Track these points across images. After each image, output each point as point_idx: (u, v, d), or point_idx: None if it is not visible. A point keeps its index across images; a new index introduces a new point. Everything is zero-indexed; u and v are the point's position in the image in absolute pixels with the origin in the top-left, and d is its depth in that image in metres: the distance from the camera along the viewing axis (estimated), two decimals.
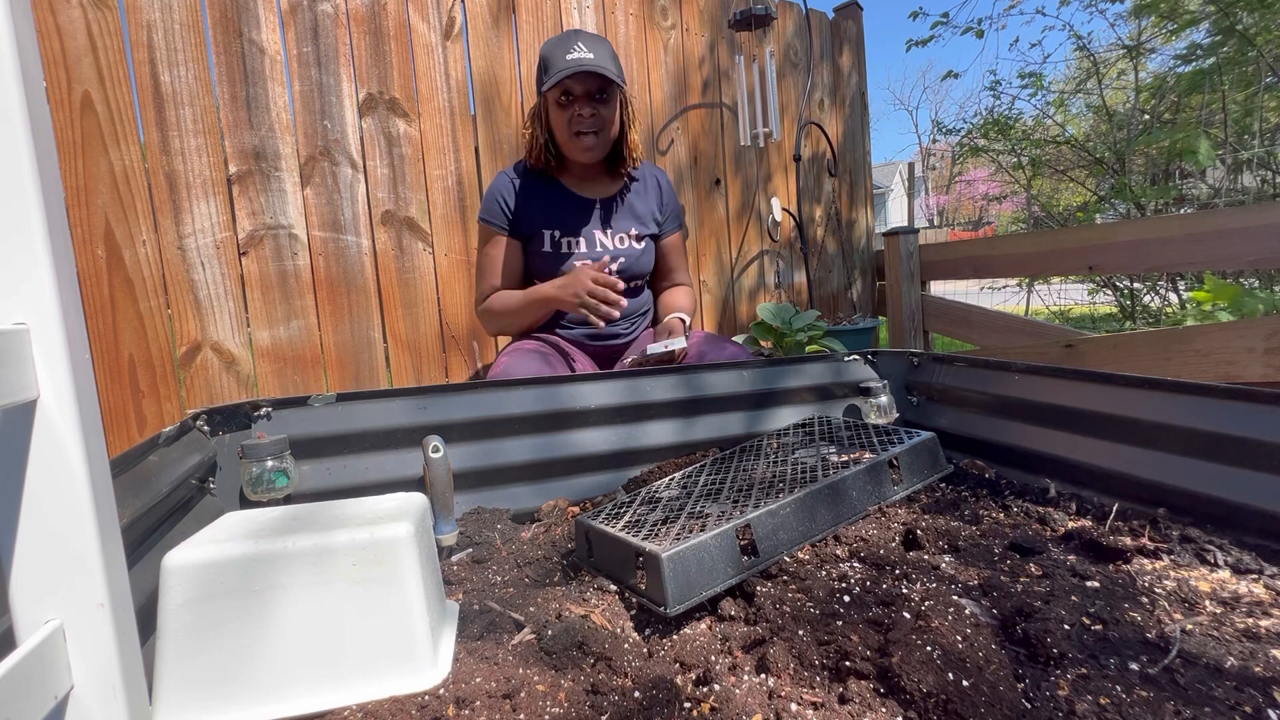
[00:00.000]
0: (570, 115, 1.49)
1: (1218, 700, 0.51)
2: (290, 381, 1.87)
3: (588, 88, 1.47)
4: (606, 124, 1.52)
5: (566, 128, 1.50)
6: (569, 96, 1.48)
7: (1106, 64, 4.71)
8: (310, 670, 0.59)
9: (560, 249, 1.58)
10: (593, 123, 1.50)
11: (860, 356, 1.38)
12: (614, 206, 1.64)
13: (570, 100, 1.48)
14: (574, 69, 1.42)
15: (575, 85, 1.46)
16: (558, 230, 1.58)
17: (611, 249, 1.61)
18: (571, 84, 1.46)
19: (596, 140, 1.52)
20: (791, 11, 2.91)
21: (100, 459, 0.44)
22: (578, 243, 1.59)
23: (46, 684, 0.40)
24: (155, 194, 1.68)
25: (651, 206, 1.69)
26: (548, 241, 1.58)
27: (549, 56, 1.47)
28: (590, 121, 1.49)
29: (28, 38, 0.41)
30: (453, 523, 0.94)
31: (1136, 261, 2.15)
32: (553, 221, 1.58)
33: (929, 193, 19.61)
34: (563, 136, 1.52)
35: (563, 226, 1.59)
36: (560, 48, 1.46)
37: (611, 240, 1.62)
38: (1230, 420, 0.81)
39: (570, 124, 1.50)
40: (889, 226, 7.32)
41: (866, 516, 0.89)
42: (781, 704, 0.55)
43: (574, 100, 1.48)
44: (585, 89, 1.47)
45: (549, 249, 1.58)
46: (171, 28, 1.69)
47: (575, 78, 1.44)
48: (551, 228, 1.58)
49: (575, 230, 1.59)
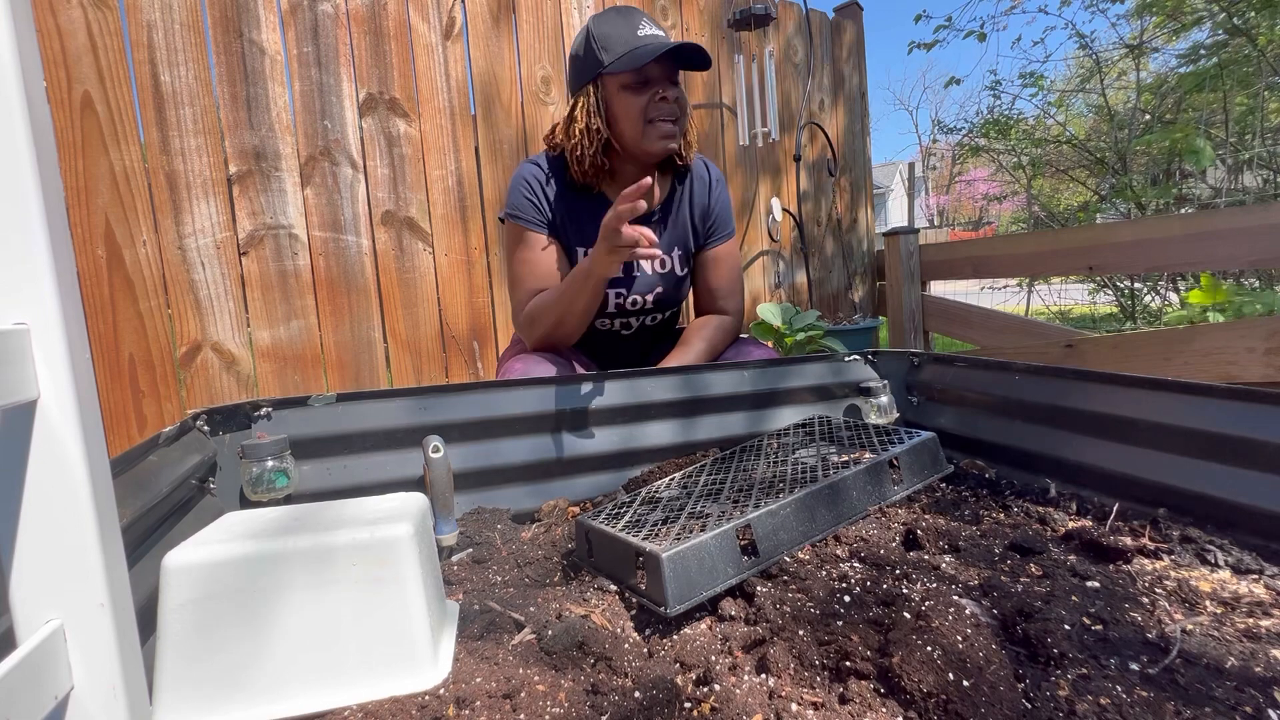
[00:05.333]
0: (648, 100, 1.28)
1: (1218, 700, 0.51)
2: (290, 381, 1.87)
3: (666, 68, 1.29)
4: (684, 111, 1.34)
5: (640, 115, 1.29)
6: (643, 80, 1.29)
7: (1108, 63, 4.71)
8: (310, 670, 0.59)
9: None
10: (675, 108, 1.31)
11: (860, 356, 1.38)
12: (659, 222, 1.43)
13: (645, 84, 1.29)
14: (656, 50, 1.23)
15: (653, 67, 1.28)
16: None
17: (650, 274, 1.42)
18: (652, 66, 1.27)
19: (676, 128, 1.32)
20: (791, 11, 2.91)
21: (100, 459, 0.44)
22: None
23: (46, 684, 0.40)
24: (155, 194, 1.68)
25: (696, 214, 1.46)
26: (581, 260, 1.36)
27: (609, 35, 1.28)
28: (673, 107, 1.30)
29: (28, 38, 0.41)
30: (453, 523, 0.94)
31: (1136, 261, 2.15)
32: (590, 237, 1.35)
33: (929, 193, 19.61)
34: (634, 129, 1.30)
35: None
36: (624, 25, 1.28)
37: (653, 265, 1.43)
38: (1230, 420, 0.81)
39: (647, 110, 1.29)
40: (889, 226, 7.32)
41: (867, 516, 0.89)
42: (782, 704, 0.55)
43: (649, 82, 1.29)
44: (664, 70, 1.29)
45: None
46: (171, 28, 1.69)
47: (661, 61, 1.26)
48: (586, 244, 1.37)
49: None
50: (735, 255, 1.53)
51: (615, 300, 1.41)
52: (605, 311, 1.42)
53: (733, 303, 1.50)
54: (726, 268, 1.49)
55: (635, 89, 1.28)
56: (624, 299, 1.42)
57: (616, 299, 1.41)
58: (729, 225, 1.50)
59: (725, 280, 1.49)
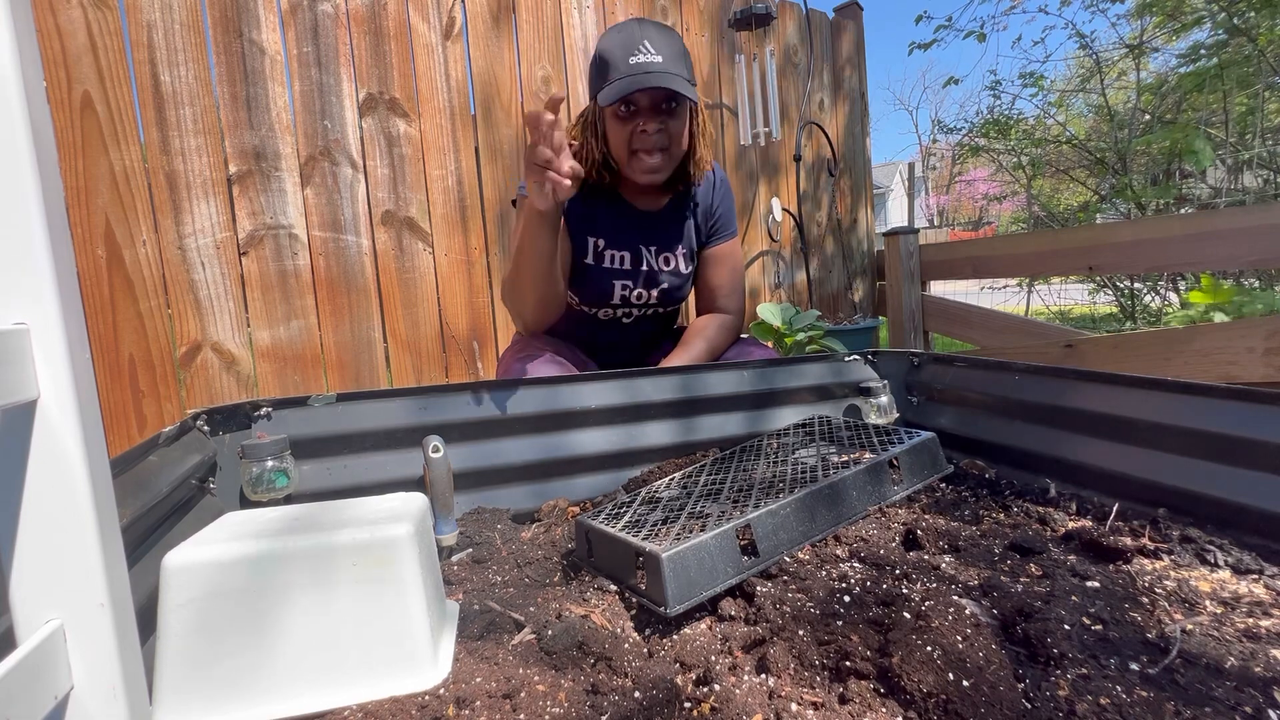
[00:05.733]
0: (631, 131, 1.27)
1: (1218, 700, 0.51)
2: (290, 381, 1.87)
3: (654, 98, 1.25)
4: (674, 140, 1.30)
5: (626, 145, 1.29)
6: (630, 108, 1.26)
7: (1109, 63, 4.71)
8: (310, 670, 0.59)
9: (603, 260, 1.39)
10: (658, 139, 1.27)
11: (860, 356, 1.38)
12: (667, 219, 1.44)
13: (632, 113, 1.26)
14: (638, 82, 1.20)
15: (640, 96, 1.25)
16: (603, 240, 1.39)
17: (657, 271, 1.44)
18: (638, 95, 1.24)
19: (663, 159, 1.29)
20: (792, 11, 2.91)
21: (100, 459, 0.44)
22: (624, 257, 1.41)
23: (46, 684, 0.40)
24: (155, 194, 1.68)
25: (701, 211, 1.47)
26: (590, 251, 1.38)
27: (608, 55, 1.25)
28: (655, 138, 1.27)
29: (28, 38, 0.41)
30: (453, 523, 0.94)
31: (1136, 261, 2.15)
32: (600, 228, 1.38)
33: (929, 193, 19.61)
34: (620, 155, 1.31)
35: (608, 237, 1.39)
36: (622, 46, 1.23)
37: (658, 260, 1.44)
38: (1230, 420, 0.81)
39: (631, 141, 1.28)
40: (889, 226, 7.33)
41: (867, 516, 0.89)
42: (781, 704, 0.55)
43: (636, 113, 1.26)
44: (652, 100, 1.25)
45: (591, 260, 1.38)
46: (171, 28, 1.69)
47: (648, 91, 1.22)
48: (597, 235, 1.38)
49: (621, 244, 1.41)
50: (737, 255, 1.54)
51: (621, 292, 1.44)
52: (610, 302, 1.45)
53: (733, 302, 1.51)
54: (728, 267, 1.51)
55: (622, 119, 1.28)
56: (629, 291, 1.44)
57: (622, 290, 1.43)
58: (731, 225, 1.52)
59: (726, 278, 1.50)
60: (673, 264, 1.45)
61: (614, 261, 1.41)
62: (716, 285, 1.49)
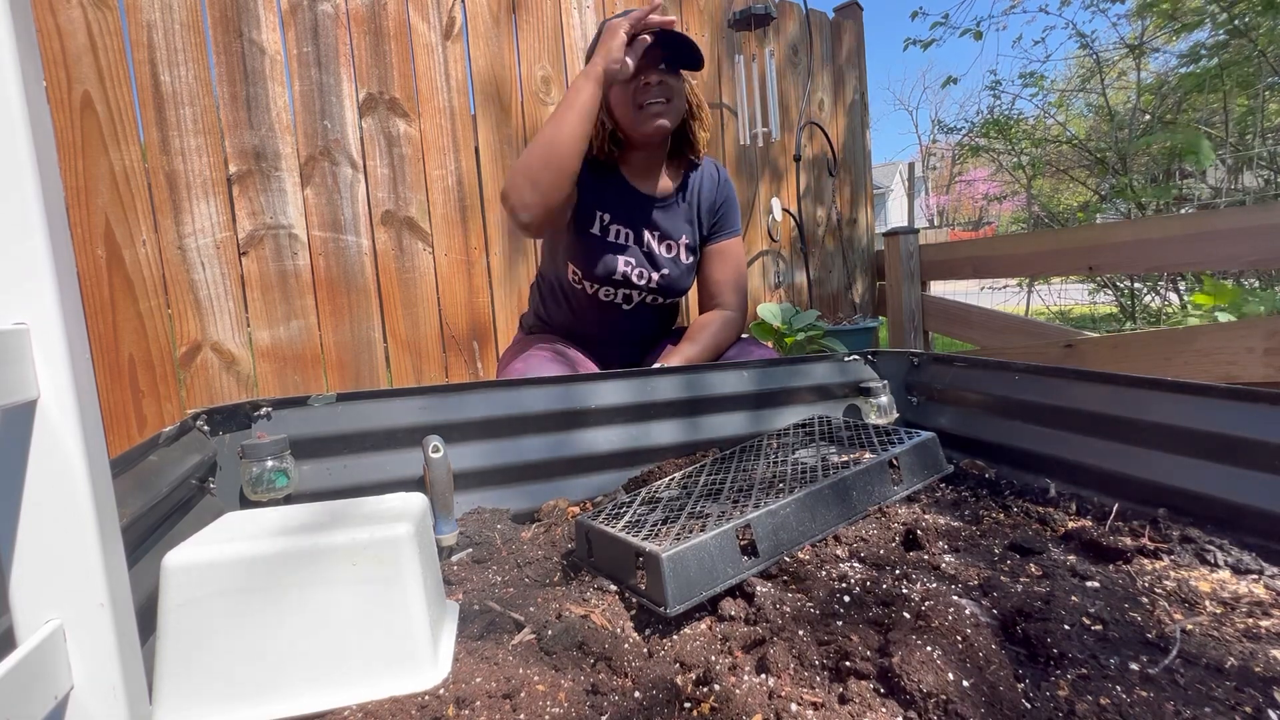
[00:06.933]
0: (635, 87, 1.34)
1: (1218, 700, 0.51)
2: (290, 381, 1.87)
3: (653, 58, 1.32)
4: (677, 94, 1.37)
5: (631, 102, 1.35)
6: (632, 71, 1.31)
7: (1109, 63, 4.71)
8: (310, 670, 0.59)
9: (609, 235, 1.44)
10: (660, 90, 1.34)
11: (860, 356, 1.38)
12: (670, 208, 1.49)
13: (634, 73, 1.32)
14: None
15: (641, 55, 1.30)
16: (609, 215, 1.44)
17: (659, 255, 1.47)
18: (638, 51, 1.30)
19: (667, 107, 1.35)
20: (792, 11, 2.91)
21: (100, 459, 0.44)
22: (628, 234, 1.45)
23: (46, 684, 0.40)
24: (155, 194, 1.68)
25: (704, 207, 1.51)
26: (597, 223, 1.43)
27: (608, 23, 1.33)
28: (658, 89, 1.34)
29: (28, 38, 0.41)
30: (453, 523, 0.94)
31: (1136, 261, 2.15)
32: (608, 204, 1.43)
33: (929, 193, 19.61)
34: (626, 114, 1.36)
35: (615, 213, 1.44)
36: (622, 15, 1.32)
37: (660, 246, 1.47)
38: (1230, 420, 0.81)
39: (636, 96, 1.34)
40: (889, 226, 7.32)
41: (866, 516, 0.89)
42: (781, 704, 0.55)
43: (638, 71, 1.32)
44: (651, 59, 1.32)
45: (597, 232, 1.43)
46: (171, 27, 1.69)
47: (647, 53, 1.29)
48: (605, 209, 1.43)
49: (626, 221, 1.45)
50: (740, 253, 1.57)
51: (623, 268, 1.45)
52: (612, 279, 1.46)
53: (736, 299, 1.53)
54: (731, 264, 1.53)
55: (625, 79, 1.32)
56: (631, 269, 1.46)
57: (625, 266, 1.45)
58: (735, 223, 1.55)
59: (729, 275, 1.53)
60: (674, 251, 1.48)
61: (619, 236, 1.45)
62: (719, 281, 1.52)
